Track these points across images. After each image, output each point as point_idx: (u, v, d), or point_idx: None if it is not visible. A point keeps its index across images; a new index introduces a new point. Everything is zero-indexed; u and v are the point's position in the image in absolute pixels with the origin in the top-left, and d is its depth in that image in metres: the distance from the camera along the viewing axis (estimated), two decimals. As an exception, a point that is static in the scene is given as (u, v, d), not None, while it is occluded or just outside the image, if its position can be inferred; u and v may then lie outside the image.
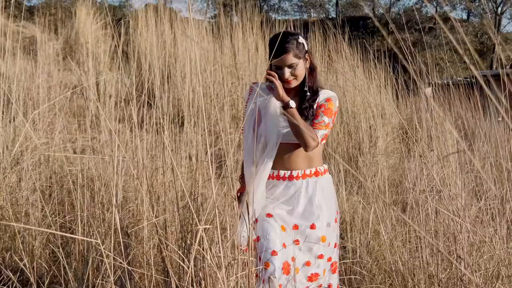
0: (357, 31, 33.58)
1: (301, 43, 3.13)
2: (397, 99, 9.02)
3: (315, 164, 3.19)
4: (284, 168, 3.15)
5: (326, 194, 3.19)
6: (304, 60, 3.13)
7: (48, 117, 6.15)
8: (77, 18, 11.67)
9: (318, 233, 3.09)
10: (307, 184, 3.14)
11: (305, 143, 2.95)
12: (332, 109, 3.12)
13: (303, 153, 3.11)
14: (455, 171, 4.05)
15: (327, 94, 3.19)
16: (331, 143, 6.85)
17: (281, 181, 3.16)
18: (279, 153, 3.11)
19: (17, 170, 4.63)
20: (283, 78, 3.05)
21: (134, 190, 4.40)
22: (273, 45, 3.07)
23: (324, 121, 3.06)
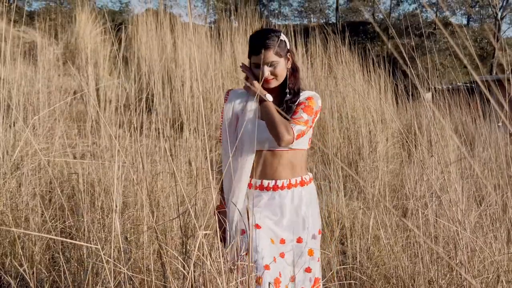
0: (357, 36, 33.66)
1: (283, 41, 2.98)
2: (397, 104, 9.02)
3: (300, 173, 3.04)
4: (268, 177, 2.99)
5: (311, 204, 3.06)
6: (285, 60, 2.99)
7: (48, 122, 6.15)
8: (77, 24, 11.68)
9: (304, 247, 2.97)
10: (293, 195, 2.99)
11: (279, 135, 2.76)
12: (312, 107, 2.96)
13: (287, 161, 2.98)
14: (455, 177, 4.05)
15: (308, 94, 3.05)
16: (331, 148, 6.85)
17: (265, 192, 2.99)
18: (262, 162, 2.98)
19: (17, 175, 4.62)
20: (262, 76, 2.92)
21: (134, 196, 4.40)
22: (253, 41, 2.96)
23: (302, 117, 2.88)
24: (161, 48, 10.06)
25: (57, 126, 5.74)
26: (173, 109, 7.80)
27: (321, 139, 7.62)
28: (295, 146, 2.94)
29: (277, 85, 2.99)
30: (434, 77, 5.78)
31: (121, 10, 31.55)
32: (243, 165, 2.91)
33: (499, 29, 35.88)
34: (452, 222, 3.52)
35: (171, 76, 8.95)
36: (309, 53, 9.48)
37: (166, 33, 10.33)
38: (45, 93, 6.79)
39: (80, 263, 3.78)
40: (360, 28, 37.58)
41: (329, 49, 9.05)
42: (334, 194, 5.28)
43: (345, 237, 4.98)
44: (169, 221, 4.12)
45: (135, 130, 4.71)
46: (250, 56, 2.99)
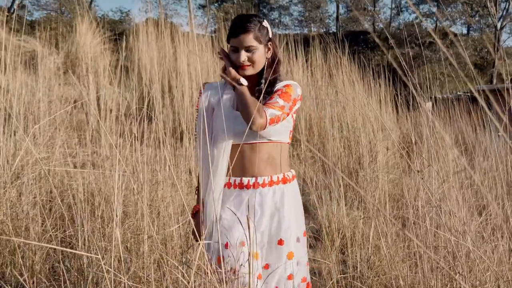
0: (358, 46, 33.71)
1: (265, 27, 2.86)
2: (397, 114, 9.03)
3: (282, 170, 2.87)
4: (248, 174, 2.81)
5: (294, 204, 2.90)
6: (265, 48, 2.84)
7: (49, 132, 6.15)
8: (77, 33, 11.71)
9: (285, 250, 2.77)
10: (274, 193, 2.81)
11: (251, 118, 2.58)
12: (290, 93, 2.78)
13: (267, 156, 2.80)
14: (455, 186, 4.05)
15: (287, 82, 2.88)
16: (331, 157, 6.85)
17: (245, 190, 2.80)
18: (240, 157, 2.79)
19: (18, 184, 4.63)
20: (238, 61, 2.77)
21: (134, 205, 4.40)
22: (233, 24, 2.84)
23: (278, 102, 2.71)
24: (161, 57, 10.08)
25: (58, 135, 5.75)
26: (174, 118, 7.81)
27: (321, 148, 7.62)
28: (273, 137, 2.80)
29: (253, 74, 2.84)
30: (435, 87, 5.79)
31: (121, 19, 31.61)
32: (218, 158, 2.77)
33: (499, 38, 35.95)
34: (451, 232, 3.52)
35: (172, 85, 8.96)
36: (309, 63, 9.49)
37: (167, 42, 10.36)
38: (45, 102, 6.80)
39: (81, 273, 3.78)
40: (361, 38, 37.63)
41: (329, 58, 9.07)
42: (334, 203, 5.29)
43: (345, 246, 4.98)
44: (169, 231, 4.12)
45: (136, 139, 4.72)
46: (229, 39, 2.84)
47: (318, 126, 7.94)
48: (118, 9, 43.93)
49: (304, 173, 6.63)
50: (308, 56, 9.59)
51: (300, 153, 7.49)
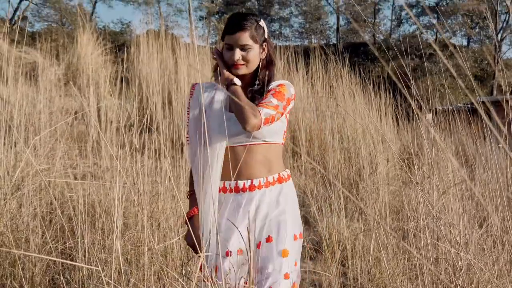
0: (358, 57, 33.80)
1: (262, 27, 2.79)
2: (397, 125, 9.03)
3: (277, 170, 2.79)
4: (243, 177, 2.72)
5: (290, 203, 2.78)
6: (260, 48, 2.77)
7: (49, 143, 6.16)
8: (78, 44, 11.73)
9: (279, 247, 2.62)
10: (270, 193, 2.73)
11: (244, 118, 2.52)
12: (284, 93, 2.72)
13: (262, 157, 2.72)
14: (455, 197, 4.05)
15: (279, 81, 2.82)
16: (331, 169, 6.85)
17: (241, 194, 2.72)
18: (234, 160, 2.70)
19: (18, 196, 4.62)
20: (232, 59, 2.71)
21: (135, 217, 4.40)
22: (229, 21, 2.77)
23: (271, 102, 2.65)
24: (162, 68, 10.10)
25: (58, 146, 5.76)
26: (174, 129, 7.82)
27: (322, 160, 7.62)
28: (268, 138, 2.73)
29: (246, 73, 2.77)
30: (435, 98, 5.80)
31: (122, 31, 31.68)
32: (213, 161, 2.68)
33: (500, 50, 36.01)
34: (451, 245, 3.52)
35: (172, 97, 8.97)
36: (309, 74, 9.51)
37: (168, 54, 10.38)
38: (46, 113, 6.81)
39: (81, 285, 3.77)
40: (361, 49, 37.71)
41: (329, 70, 9.09)
42: (335, 215, 5.28)
43: (346, 258, 4.97)
44: (169, 243, 4.12)
45: (136, 150, 4.72)
46: (223, 36, 2.78)
47: (318, 137, 7.94)
48: (118, 21, 44.00)
49: (305, 185, 6.63)
50: (309, 68, 9.61)
51: (300, 164, 7.49)
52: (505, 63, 36.41)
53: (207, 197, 2.66)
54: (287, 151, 7.63)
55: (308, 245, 5.31)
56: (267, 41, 2.83)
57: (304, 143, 7.86)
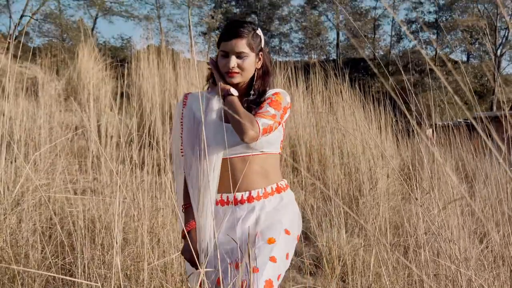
0: (358, 73, 33.91)
1: (259, 35, 2.74)
2: (397, 141, 9.04)
3: (274, 180, 2.73)
4: (241, 189, 2.65)
5: (289, 210, 2.70)
6: (256, 56, 2.72)
7: (49, 158, 6.16)
8: (79, 59, 11.76)
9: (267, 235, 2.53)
10: (269, 202, 2.66)
11: (242, 130, 2.46)
12: (280, 102, 2.67)
13: (259, 168, 2.66)
14: (455, 213, 4.04)
15: (275, 90, 2.76)
16: (331, 184, 6.85)
17: (239, 206, 2.64)
18: (231, 171, 2.64)
19: (18, 211, 4.62)
20: (227, 66, 2.64)
21: (135, 232, 4.39)
22: (226, 28, 2.72)
23: (268, 111, 2.59)
24: (162, 84, 10.12)
25: (58, 161, 5.76)
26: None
27: (322, 175, 7.62)
28: (266, 149, 2.68)
29: (240, 82, 2.71)
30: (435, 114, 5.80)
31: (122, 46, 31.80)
32: (209, 173, 2.60)
33: (499, 66, 36.12)
34: (451, 261, 3.51)
35: (172, 112, 8.98)
36: (309, 90, 9.53)
37: (168, 69, 10.40)
38: (46, 128, 6.82)
39: (80, 300, 3.76)
40: (361, 65, 37.84)
41: (329, 86, 9.10)
42: (335, 230, 5.27)
43: (346, 274, 4.96)
44: (169, 258, 4.11)
45: (136, 166, 4.72)
46: (219, 43, 2.72)
47: (318, 153, 7.95)
48: (119, 36, 44.14)
49: (305, 200, 6.62)
50: (309, 83, 9.63)
51: (300, 180, 7.48)
52: (505, 78, 36.53)
53: (204, 211, 2.59)
54: (287, 166, 7.63)
55: (308, 260, 5.29)
56: (263, 51, 2.78)
57: (304, 158, 7.86)
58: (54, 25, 26.92)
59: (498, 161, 5.90)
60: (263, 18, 40.40)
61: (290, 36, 42.66)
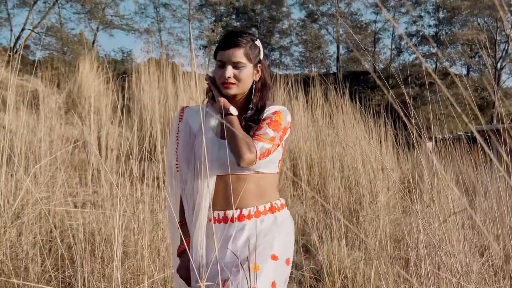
0: (358, 86, 33.94)
1: (258, 46, 2.64)
2: (397, 154, 9.04)
3: (269, 199, 2.60)
4: (231, 207, 2.52)
5: (285, 231, 2.57)
6: (254, 68, 2.61)
7: (50, 171, 6.15)
8: (80, 73, 11.79)
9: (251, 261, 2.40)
10: (261, 223, 2.53)
11: (239, 153, 2.38)
12: (280, 122, 2.56)
13: (254, 187, 2.54)
14: (456, 226, 4.03)
15: (275, 107, 2.65)
16: (332, 197, 6.84)
17: (229, 224, 2.52)
18: (224, 189, 2.53)
19: (18, 224, 4.61)
20: (223, 77, 2.53)
21: (135, 245, 4.38)
22: (223, 37, 2.62)
23: (267, 133, 2.49)
24: (163, 97, 10.13)
25: (59, 174, 5.75)
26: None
27: (322, 188, 7.62)
28: (263, 169, 2.57)
29: (238, 95, 2.61)
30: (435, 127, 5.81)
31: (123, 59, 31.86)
32: (203, 190, 2.51)
33: (499, 79, 36.19)
34: (452, 274, 3.50)
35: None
36: (309, 103, 9.54)
37: (168, 82, 10.42)
38: (46, 141, 6.82)
39: (79, 314, 3.75)
40: (361, 78, 37.90)
41: (329, 99, 9.12)
42: (335, 243, 5.26)
43: (346, 287, 4.94)
44: (170, 272, 4.10)
45: (136, 179, 4.72)
46: (216, 54, 2.61)
47: (319, 166, 7.95)
48: (119, 49, 44.21)
49: (305, 213, 6.62)
50: (309, 96, 9.64)
51: (301, 193, 7.48)
52: (505, 92, 36.58)
53: (197, 228, 2.51)
54: (287, 179, 7.63)
55: (308, 274, 5.28)
56: (262, 63, 2.67)
57: (304, 171, 7.86)
58: (55, 38, 26.98)
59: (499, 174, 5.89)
60: (263, 32, 40.49)
61: (291, 50, 42.75)
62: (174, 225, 2.72)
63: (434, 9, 39.84)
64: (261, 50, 2.67)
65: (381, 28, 41.48)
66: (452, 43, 37.03)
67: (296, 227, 6.22)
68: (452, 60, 38.01)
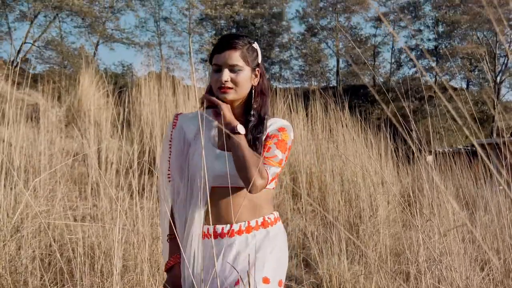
0: (358, 99, 33.98)
1: (255, 49, 2.51)
2: (397, 167, 9.03)
3: (263, 213, 2.47)
4: (222, 221, 2.41)
5: (276, 249, 2.43)
6: (252, 71, 2.47)
7: (49, 185, 6.15)
8: (80, 86, 11.80)
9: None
10: (253, 239, 2.40)
11: (250, 180, 2.24)
12: (286, 141, 2.44)
13: (248, 201, 2.42)
14: (456, 240, 4.03)
15: (279, 123, 2.52)
16: (331, 211, 6.83)
17: (219, 239, 2.39)
18: (216, 203, 2.40)
19: (17, 238, 4.61)
20: (220, 81, 2.39)
21: (134, 259, 4.37)
22: (219, 40, 2.48)
23: (277, 156, 2.37)
24: (163, 110, 10.14)
25: (58, 188, 5.75)
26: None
27: (322, 202, 7.61)
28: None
29: (236, 100, 2.46)
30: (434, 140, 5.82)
31: (123, 73, 31.89)
32: (196, 203, 2.38)
33: (499, 93, 36.25)
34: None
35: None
36: (309, 116, 9.55)
37: (168, 95, 10.43)
38: (46, 155, 6.82)
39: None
40: (361, 91, 37.94)
41: (329, 112, 9.13)
42: (335, 257, 5.25)
43: (346, 302, 4.93)
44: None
45: (136, 192, 4.72)
46: (211, 58, 2.48)
47: (319, 179, 7.94)
48: (120, 63, 44.26)
49: (305, 226, 6.61)
50: (309, 110, 9.65)
51: (301, 206, 7.47)
52: (504, 105, 36.61)
53: (188, 243, 2.37)
54: (287, 193, 7.63)
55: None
56: (260, 67, 2.53)
57: (304, 185, 7.85)
58: (55, 52, 26.99)
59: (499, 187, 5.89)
60: (263, 45, 40.51)
61: (290, 63, 42.77)
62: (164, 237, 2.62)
63: (433, 23, 39.97)
64: (259, 53, 2.55)
65: (381, 42, 41.60)
66: (451, 57, 37.11)
67: (296, 240, 6.22)
68: (451, 74, 38.08)
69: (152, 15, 37.83)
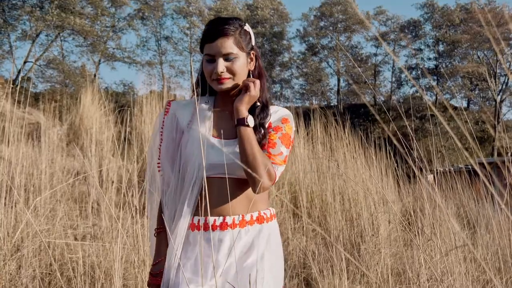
0: (359, 118, 34.07)
1: (248, 32, 2.38)
2: (398, 186, 9.02)
3: (258, 207, 2.34)
4: (214, 213, 2.27)
5: (272, 249, 2.32)
6: (247, 56, 2.36)
7: (50, 203, 6.14)
8: (81, 105, 11.83)
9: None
10: (246, 234, 2.27)
11: (258, 179, 2.14)
12: (290, 134, 2.35)
13: (241, 194, 2.29)
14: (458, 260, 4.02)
15: (281, 112, 2.44)
16: (333, 230, 6.82)
17: (210, 233, 2.23)
18: (209, 193, 2.19)
19: (18, 257, 4.59)
20: (216, 72, 2.27)
21: (135, 278, 4.36)
22: (208, 27, 2.32)
23: (282, 153, 2.27)
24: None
25: (59, 207, 5.74)
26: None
27: (323, 221, 7.59)
28: None
29: (233, 87, 2.35)
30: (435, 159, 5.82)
31: (125, 91, 31.99)
32: (186, 194, 2.26)
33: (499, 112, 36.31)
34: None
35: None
36: (310, 135, 9.55)
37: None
38: (47, 174, 6.82)
39: None
40: (362, 110, 38.04)
41: (330, 131, 9.13)
42: (336, 277, 5.23)
43: (348, 322, 4.90)
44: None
45: (137, 211, 4.71)
46: (202, 46, 2.33)
47: (319, 198, 7.93)
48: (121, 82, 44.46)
49: (306, 246, 6.59)
50: (310, 129, 9.66)
51: (301, 226, 7.45)
52: (506, 124, 36.68)
53: (174, 235, 2.24)
54: (287, 212, 7.61)
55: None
56: (255, 49, 2.44)
57: (305, 204, 7.84)
58: (57, 71, 27.12)
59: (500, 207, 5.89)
60: (264, 64, 40.74)
61: (291, 82, 42.95)
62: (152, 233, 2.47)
63: (434, 42, 40.14)
64: (252, 35, 2.43)
65: (382, 61, 41.76)
66: (452, 76, 37.23)
67: (297, 260, 6.20)
68: (451, 93, 38.17)
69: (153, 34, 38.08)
